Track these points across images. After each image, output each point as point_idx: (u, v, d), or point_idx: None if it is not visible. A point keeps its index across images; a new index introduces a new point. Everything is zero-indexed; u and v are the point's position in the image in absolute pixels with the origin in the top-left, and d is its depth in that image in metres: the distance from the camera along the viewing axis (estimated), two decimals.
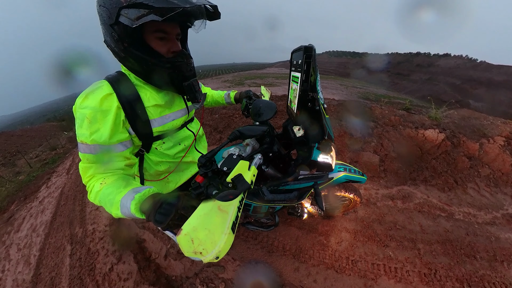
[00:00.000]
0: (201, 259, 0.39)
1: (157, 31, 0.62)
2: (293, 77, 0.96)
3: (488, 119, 3.14)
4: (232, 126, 3.31)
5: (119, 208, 0.55)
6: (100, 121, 0.61)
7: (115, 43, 0.61)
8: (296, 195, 1.10)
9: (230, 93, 1.24)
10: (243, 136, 0.71)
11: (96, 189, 0.60)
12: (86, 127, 0.60)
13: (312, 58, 0.77)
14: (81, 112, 0.60)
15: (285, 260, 1.51)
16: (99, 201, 0.60)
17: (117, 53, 0.64)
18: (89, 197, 0.63)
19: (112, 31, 0.59)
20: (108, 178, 0.63)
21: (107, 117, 0.62)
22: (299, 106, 0.88)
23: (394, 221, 1.78)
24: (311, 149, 0.94)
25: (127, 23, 0.54)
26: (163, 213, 0.45)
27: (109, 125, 0.61)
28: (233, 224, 0.45)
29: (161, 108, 0.75)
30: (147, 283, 1.49)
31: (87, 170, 0.64)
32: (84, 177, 0.64)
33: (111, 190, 0.58)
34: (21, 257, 2.18)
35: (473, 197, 2.09)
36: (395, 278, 1.38)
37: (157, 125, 0.75)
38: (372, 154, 2.30)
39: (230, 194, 0.45)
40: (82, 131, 0.60)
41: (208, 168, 0.54)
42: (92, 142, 0.60)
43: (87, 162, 0.63)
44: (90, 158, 0.62)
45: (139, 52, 0.62)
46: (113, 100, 0.63)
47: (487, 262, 1.50)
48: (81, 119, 0.60)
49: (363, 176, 1.28)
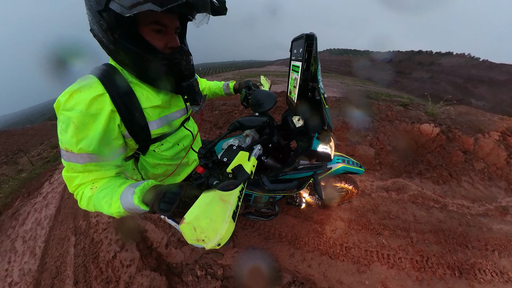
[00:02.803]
0: (203, 246, 0.42)
1: (153, 23, 0.55)
2: (293, 66, 0.95)
3: (485, 115, 3.16)
4: (232, 122, 3.35)
5: (120, 206, 0.51)
6: (89, 126, 0.53)
7: (103, 33, 0.53)
8: (296, 184, 1.11)
9: (229, 83, 1.21)
10: (243, 127, 0.69)
11: (88, 195, 0.56)
12: (72, 133, 0.52)
13: (313, 46, 0.75)
14: (65, 115, 0.52)
15: (281, 247, 1.56)
16: (94, 206, 0.56)
17: (106, 45, 0.56)
18: (81, 204, 0.58)
19: (100, 18, 0.50)
20: (97, 182, 0.58)
21: (97, 122, 0.54)
22: (299, 95, 0.87)
23: (388, 211, 1.82)
24: (311, 139, 0.95)
25: (119, 11, 0.46)
26: (167, 202, 0.45)
27: (99, 131, 0.54)
28: (234, 213, 0.47)
29: (160, 109, 0.69)
30: (148, 269, 1.55)
31: (73, 180, 0.57)
32: (70, 186, 0.58)
33: (106, 192, 0.54)
34: (27, 249, 2.25)
35: (467, 190, 2.13)
36: (388, 264, 1.43)
37: (155, 127, 0.68)
38: (368, 147, 2.34)
39: (230, 184, 0.45)
40: (67, 137, 0.52)
41: (208, 159, 0.54)
42: (80, 151, 0.53)
43: (72, 172, 0.57)
44: (77, 167, 0.56)
45: (131, 45, 0.54)
46: (105, 102, 0.55)
47: (478, 251, 1.54)
48: (65, 123, 0.52)
49: (361, 168, 1.30)
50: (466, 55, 61.94)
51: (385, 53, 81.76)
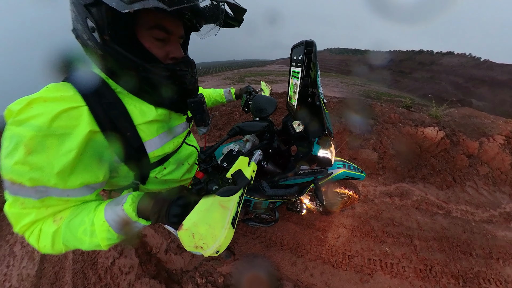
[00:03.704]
0: (202, 253, 0.40)
1: (155, 27, 0.46)
2: (293, 72, 0.97)
3: (489, 118, 3.13)
4: (231, 123, 3.31)
5: (109, 229, 0.42)
6: (50, 151, 0.38)
7: (89, 34, 0.42)
8: (296, 190, 1.10)
9: (230, 89, 1.21)
10: (243, 132, 0.69)
11: (51, 230, 0.42)
12: (21, 158, 0.37)
13: (312, 53, 0.77)
14: (15, 132, 0.37)
15: (283, 255, 1.53)
16: (64, 243, 0.43)
17: (91, 48, 0.44)
18: (41, 247, 0.43)
19: (87, 14, 0.40)
20: (61, 212, 0.45)
21: (64, 146, 0.40)
22: (299, 101, 0.88)
23: (392, 217, 1.79)
24: (311, 144, 0.95)
25: (115, 6, 0.36)
26: (178, 215, 0.42)
27: (68, 159, 0.40)
28: (233, 219, 0.45)
29: (158, 124, 0.56)
30: (148, 276, 1.52)
31: (22, 217, 0.42)
32: (18, 226, 0.43)
33: (80, 218, 0.43)
34: (25, 253, 2.20)
35: (471, 195, 2.10)
36: (391, 274, 1.40)
37: (154, 148, 0.56)
38: (371, 151, 2.30)
39: (230, 189, 0.45)
40: (13, 163, 0.37)
41: (208, 164, 0.54)
42: (34, 183, 0.38)
43: (21, 208, 0.41)
44: (28, 203, 0.41)
45: (125, 51, 0.44)
46: (80, 118, 0.42)
47: (482, 259, 1.52)
48: (14, 143, 0.37)
49: (362, 173, 1.28)
50: (467, 55, 61.80)
51: (385, 53, 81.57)
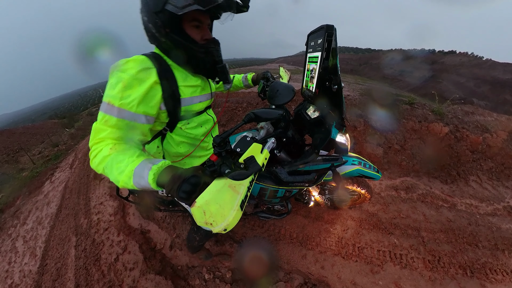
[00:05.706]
0: (211, 229, 0.44)
1: (193, 20, 0.69)
2: (310, 58, 0.96)
3: (492, 115, 3.14)
4: (234, 120, 3.31)
5: (131, 177, 0.53)
6: (134, 88, 0.63)
7: (157, 29, 0.68)
8: (314, 176, 1.06)
9: (247, 75, 1.22)
10: (258, 119, 0.70)
11: (105, 154, 0.57)
12: (119, 90, 0.60)
13: (333, 36, 0.78)
14: (118, 75, 0.62)
15: (292, 248, 1.54)
16: (104, 167, 0.57)
17: (157, 38, 0.70)
18: (93, 161, 0.60)
19: (156, 17, 0.65)
20: (118, 145, 0.60)
21: (141, 86, 0.64)
22: (318, 84, 0.88)
23: (398, 210, 1.81)
24: (330, 127, 0.93)
25: (174, 11, 0.60)
26: (188, 192, 0.47)
27: (140, 94, 0.63)
28: (242, 202, 0.48)
29: (192, 89, 0.80)
30: (153, 272, 1.50)
31: (100, 132, 0.61)
32: (94, 138, 0.61)
33: (123, 157, 0.56)
34: (27, 249, 2.20)
35: (475, 189, 2.12)
36: (401, 264, 1.41)
37: (186, 104, 0.79)
38: (376, 146, 2.32)
39: (241, 174, 0.47)
40: (114, 92, 0.60)
41: (222, 148, 0.55)
42: (120, 105, 0.60)
43: (103, 124, 0.61)
44: (110, 120, 0.61)
45: (179, 38, 0.69)
46: (151, 73, 0.67)
47: (488, 250, 1.53)
48: (116, 81, 0.61)
49: (378, 173, 1.23)
50: (469, 54, 61.60)
51: (386, 52, 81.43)
